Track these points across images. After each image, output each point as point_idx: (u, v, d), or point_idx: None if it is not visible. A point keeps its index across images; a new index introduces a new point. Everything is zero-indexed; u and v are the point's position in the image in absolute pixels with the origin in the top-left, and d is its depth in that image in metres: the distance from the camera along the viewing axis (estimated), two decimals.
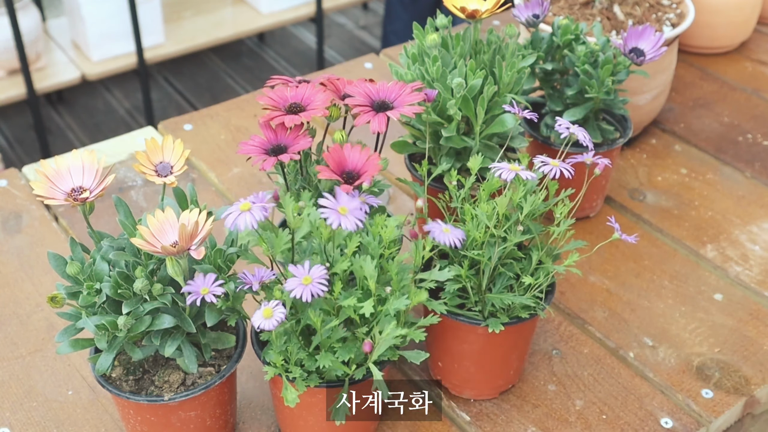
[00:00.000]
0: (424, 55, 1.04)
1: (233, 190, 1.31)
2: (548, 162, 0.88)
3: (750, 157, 1.40)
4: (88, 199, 0.83)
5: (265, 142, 0.88)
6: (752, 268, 1.19)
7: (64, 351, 0.84)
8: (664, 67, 1.35)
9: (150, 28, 2.68)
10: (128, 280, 0.82)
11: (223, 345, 0.89)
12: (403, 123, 1.07)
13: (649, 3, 1.39)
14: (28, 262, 1.18)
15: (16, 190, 1.31)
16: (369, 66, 1.61)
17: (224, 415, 0.92)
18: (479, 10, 1.02)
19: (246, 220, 0.77)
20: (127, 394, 0.85)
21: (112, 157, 1.37)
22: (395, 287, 0.82)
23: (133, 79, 3.18)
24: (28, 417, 0.98)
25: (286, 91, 0.91)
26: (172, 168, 0.87)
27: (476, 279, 0.91)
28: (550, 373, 1.04)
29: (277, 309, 0.76)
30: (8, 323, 1.09)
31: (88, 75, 2.63)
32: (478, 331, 0.92)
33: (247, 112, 1.49)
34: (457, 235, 0.81)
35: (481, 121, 1.00)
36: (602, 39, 1.16)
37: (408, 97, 0.90)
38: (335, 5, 3.11)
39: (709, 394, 1.02)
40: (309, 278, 0.76)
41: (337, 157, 0.87)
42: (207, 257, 0.84)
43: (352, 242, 0.81)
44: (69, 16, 2.70)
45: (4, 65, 2.55)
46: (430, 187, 1.00)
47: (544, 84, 1.21)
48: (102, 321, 0.81)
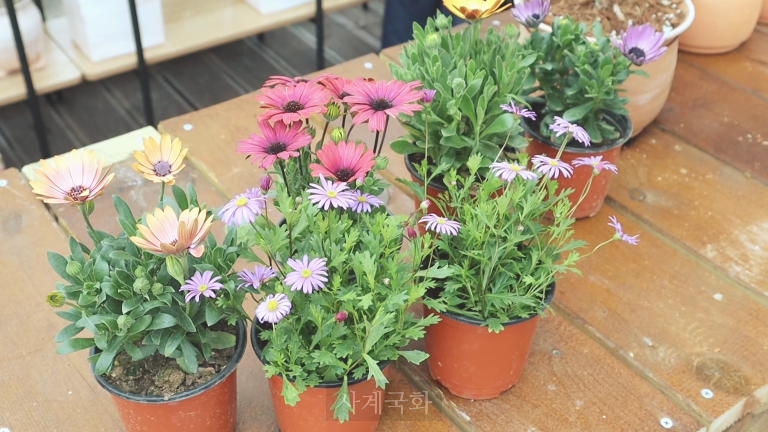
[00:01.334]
0: (424, 55, 1.04)
1: (233, 189, 1.31)
2: (547, 162, 0.88)
3: (750, 157, 1.40)
4: (88, 199, 0.83)
5: (264, 141, 0.88)
6: (752, 268, 1.19)
7: (64, 351, 0.84)
8: (664, 67, 1.35)
9: (150, 28, 2.68)
10: (128, 279, 0.82)
11: (223, 345, 0.88)
12: (403, 123, 1.07)
13: (649, 3, 1.39)
14: (28, 262, 1.18)
15: (16, 190, 1.31)
16: (369, 66, 1.61)
17: (224, 415, 0.92)
18: (479, 10, 1.02)
19: (243, 214, 0.78)
20: (127, 394, 0.85)
21: (112, 157, 1.37)
22: (394, 285, 0.83)
23: (133, 79, 3.18)
24: (28, 417, 0.98)
25: (285, 90, 0.91)
26: (171, 167, 0.87)
27: (476, 279, 0.91)
28: (550, 373, 1.04)
29: (282, 302, 0.77)
30: (8, 323, 1.09)
31: (88, 75, 2.63)
32: (478, 331, 0.92)
33: (247, 112, 1.49)
34: (452, 224, 0.83)
35: (481, 121, 1.00)
36: (602, 39, 1.16)
37: (407, 95, 0.90)
38: (335, 5, 3.11)
39: (709, 394, 1.02)
40: (308, 271, 0.77)
41: (331, 155, 0.87)
42: (207, 256, 0.84)
43: (350, 237, 0.81)
44: (69, 16, 2.70)
45: (4, 65, 2.55)
46: (429, 187, 1.00)
47: (544, 84, 1.21)
48: (102, 321, 0.81)
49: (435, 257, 0.94)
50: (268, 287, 0.83)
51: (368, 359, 0.82)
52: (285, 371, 0.83)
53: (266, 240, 0.83)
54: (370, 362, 0.81)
